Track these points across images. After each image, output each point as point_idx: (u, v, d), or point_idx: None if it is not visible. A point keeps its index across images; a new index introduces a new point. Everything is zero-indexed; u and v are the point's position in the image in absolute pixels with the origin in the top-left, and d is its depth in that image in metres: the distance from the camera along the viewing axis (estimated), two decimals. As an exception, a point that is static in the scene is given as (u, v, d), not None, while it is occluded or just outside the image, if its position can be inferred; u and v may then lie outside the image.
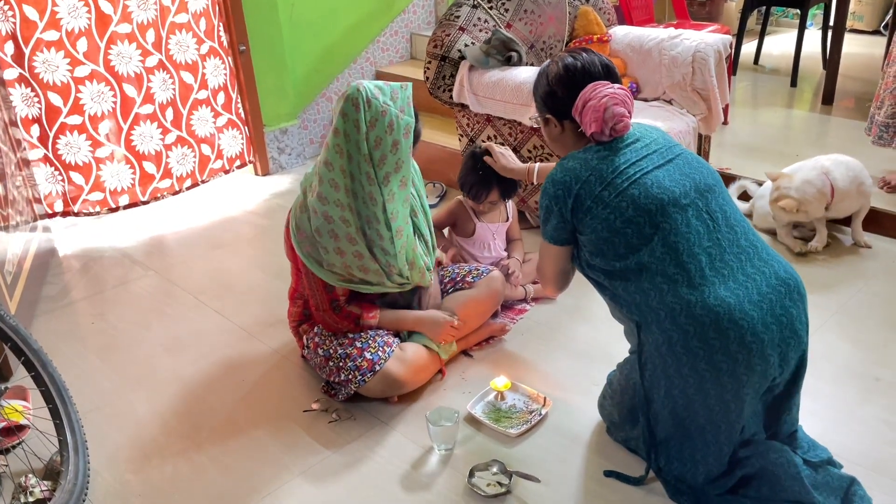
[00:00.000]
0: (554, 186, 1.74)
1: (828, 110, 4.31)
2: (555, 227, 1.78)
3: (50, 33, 3.03)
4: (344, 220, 1.99)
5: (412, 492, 1.85)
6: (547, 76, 1.83)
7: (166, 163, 3.49)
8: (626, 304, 1.73)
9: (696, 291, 1.62)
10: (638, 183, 1.67)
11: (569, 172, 1.73)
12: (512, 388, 2.14)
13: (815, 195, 2.74)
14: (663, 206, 1.65)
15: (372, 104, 1.91)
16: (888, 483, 1.80)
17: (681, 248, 1.64)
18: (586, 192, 1.69)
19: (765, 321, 1.60)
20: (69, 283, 2.95)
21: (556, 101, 1.81)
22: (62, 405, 1.92)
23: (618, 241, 1.68)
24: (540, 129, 2.85)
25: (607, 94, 1.70)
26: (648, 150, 1.74)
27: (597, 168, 1.70)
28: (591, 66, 1.78)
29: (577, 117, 1.75)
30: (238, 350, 2.46)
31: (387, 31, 4.34)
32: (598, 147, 1.75)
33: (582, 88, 1.73)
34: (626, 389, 1.84)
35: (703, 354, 1.61)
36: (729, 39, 3.28)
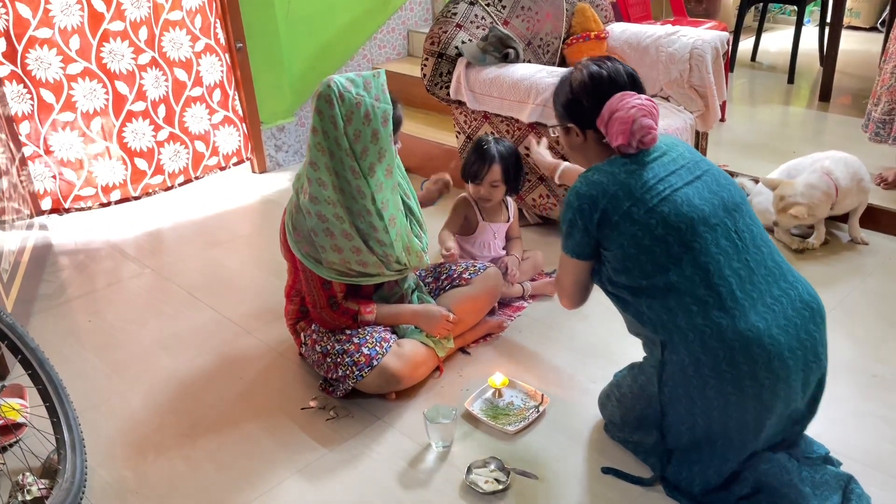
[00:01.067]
0: (579, 200, 1.68)
1: (825, 107, 4.32)
2: (578, 241, 1.72)
3: (43, 31, 3.04)
4: (337, 216, 2.00)
5: (410, 489, 1.85)
6: (570, 84, 1.77)
7: (158, 159, 3.50)
8: (651, 322, 1.68)
9: (727, 315, 1.58)
10: (668, 200, 1.63)
11: (595, 186, 1.67)
12: (510, 386, 2.14)
13: (822, 198, 2.74)
14: (693, 225, 1.61)
15: (345, 98, 1.91)
16: (886, 479, 1.81)
17: (711, 269, 1.60)
18: (613, 207, 1.64)
19: (791, 346, 1.59)
20: (65, 281, 2.94)
21: (580, 110, 1.75)
22: (59, 403, 1.91)
23: (645, 259, 1.64)
24: (538, 127, 2.87)
25: (635, 105, 1.65)
26: (676, 164, 1.69)
27: (625, 183, 1.65)
28: (617, 76, 1.73)
29: (603, 128, 1.69)
30: (235, 347, 2.46)
31: (384, 28, 4.33)
32: (623, 160, 1.69)
33: (607, 98, 1.68)
34: (639, 398, 1.81)
35: (730, 378, 1.59)
36: (726, 36, 3.28)
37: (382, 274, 2.11)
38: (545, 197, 3.00)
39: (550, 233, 3.09)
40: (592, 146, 1.77)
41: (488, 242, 2.61)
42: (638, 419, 1.83)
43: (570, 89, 1.76)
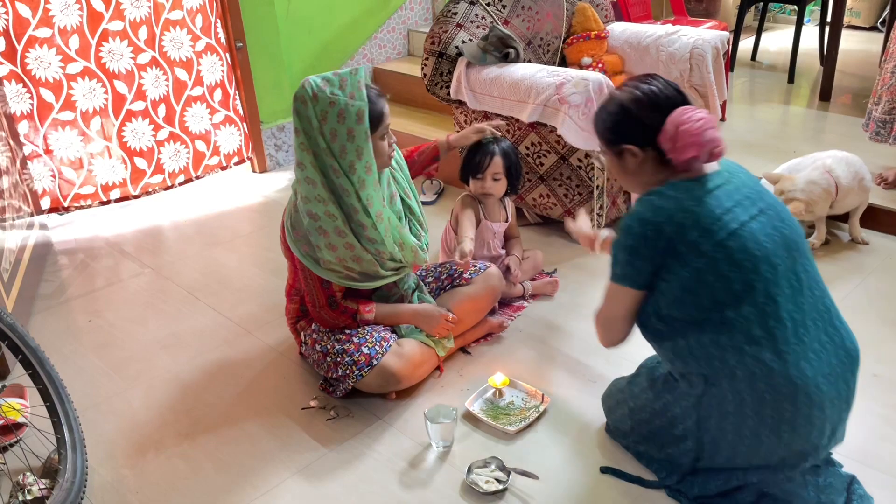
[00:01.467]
0: (643, 226, 1.61)
1: (825, 106, 4.31)
2: (638, 269, 1.64)
3: (42, 30, 3.04)
4: (329, 214, 2.00)
5: (410, 489, 1.85)
6: (622, 104, 1.67)
7: (158, 159, 3.50)
8: (695, 357, 1.63)
9: (779, 360, 1.55)
10: (736, 235, 1.56)
11: (660, 212, 1.60)
12: (510, 385, 2.14)
13: (821, 194, 2.73)
14: (757, 264, 1.56)
15: (318, 97, 1.92)
16: (886, 479, 1.81)
17: (769, 310, 1.56)
18: (680, 236, 1.57)
19: (831, 396, 1.58)
20: (66, 280, 2.94)
21: (639, 127, 1.65)
22: (60, 403, 1.91)
23: (704, 293, 1.58)
24: (537, 127, 2.87)
25: (701, 117, 1.59)
26: (739, 193, 1.63)
27: (692, 211, 1.58)
28: (669, 91, 1.67)
29: (668, 143, 1.61)
30: (235, 347, 2.46)
31: (384, 27, 4.33)
32: (687, 184, 1.62)
33: (667, 113, 1.62)
34: (658, 415, 1.77)
35: (770, 422, 1.57)
36: (726, 36, 3.28)
37: (378, 273, 2.11)
38: (545, 196, 3.00)
39: (550, 232, 3.09)
40: (650, 166, 1.68)
41: (488, 241, 2.61)
42: (651, 432, 1.80)
43: (624, 109, 1.67)
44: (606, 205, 2.91)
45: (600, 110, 1.75)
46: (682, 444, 1.73)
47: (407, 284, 2.27)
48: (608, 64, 3.34)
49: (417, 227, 2.24)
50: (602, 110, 1.74)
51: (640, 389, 1.84)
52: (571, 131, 2.71)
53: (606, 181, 2.87)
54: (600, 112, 1.75)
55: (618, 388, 1.96)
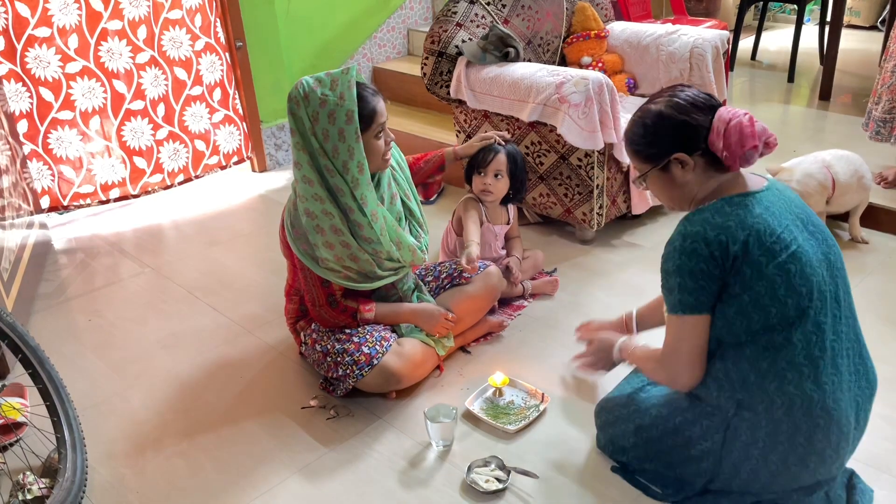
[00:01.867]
0: (708, 246, 1.51)
1: (825, 106, 4.31)
2: (710, 291, 1.53)
3: (42, 30, 3.04)
4: (326, 212, 2.01)
5: (410, 488, 1.85)
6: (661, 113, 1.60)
7: (157, 158, 3.50)
8: (732, 381, 1.58)
9: (819, 390, 1.52)
10: (795, 257, 1.50)
11: (722, 230, 1.51)
12: (510, 385, 2.14)
13: (817, 188, 2.73)
14: (811, 291, 1.51)
15: (310, 98, 1.93)
16: (886, 478, 1.81)
17: (815, 339, 1.52)
18: (744, 254, 1.50)
19: (856, 426, 1.58)
20: (66, 280, 2.94)
21: (687, 131, 1.57)
22: (59, 402, 1.91)
23: (758, 317, 1.52)
24: (537, 126, 2.87)
25: (746, 112, 1.55)
26: (790, 213, 1.57)
27: (753, 227, 1.50)
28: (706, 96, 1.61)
29: (720, 141, 1.54)
30: (235, 346, 2.46)
31: (383, 26, 4.33)
32: (741, 199, 1.55)
33: (711, 114, 1.57)
34: (672, 435, 1.71)
35: (801, 451, 1.55)
36: (726, 35, 3.28)
37: (376, 273, 2.11)
38: (545, 196, 3.00)
39: (550, 231, 3.09)
40: (699, 175, 1.60)
41: (489, 244, 2.61)
42: (660, 451, 1.74)
43: (665, 116, 1.59)
44: (606, 204, 2.91)
45: (635, 126, 1.65)
46: (697, 465, 1.68)
47: (407, 285, 2.27)
48: (608, 63, 3.34)
49: (417, 228, 2.24)
50: (637, 125, 1.65)
51: (651, 405, 1.77)
52: (571, 130, 2.71)
53: (606, 181, 2.86)
54: (636, 127, 1.65)
55: (617, 403, 1.88)
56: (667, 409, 1.72)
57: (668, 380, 1.67)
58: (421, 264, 2.24)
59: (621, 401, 1.87)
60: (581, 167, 2.82)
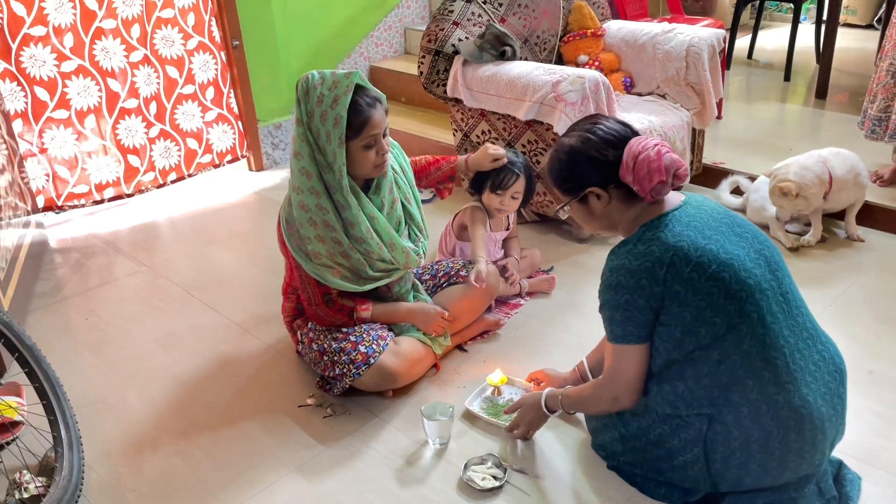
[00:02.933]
0: (634, 276, 1.54)
1: (821, 104, 4.32)
2: (641, 322, 1.57)
3: (37, 28, 3.03)
4: (320, 207, 2.01)
5: (407, 486, 1.85)
6: (573, 148, 1.65)
7: (150, 156, 3.50)
8: (698, 398, 1.59)
9: (782, 391, 1.53)
10: (726, 265, 1.51)
11: (647, 257, 1.54)
12: (508, 383, 2.14)
13: (815, 180, 2.73)
14: (752, 293, 1.52)
15: (310, 94, 1.95)
16: (881, 475, 1.81)
17: (767, 341, 1.53)
18: (674, 275, 1.52)
19: (829, 415, 1.58)
20: (62, 279, 2.94)
21: (599, 166, 1.62)
22: (56, 401, 1.91)
23: (704, 331, 1.53)
24: (533, 125, 2.87)
25: (656, 143, 1.58)
26: (714, 220, 1.60)
27: (678, 247, 1.53)
28: (619, 126, 1.66)
29: (629, 175, 1.58)
30: (232, 345, 2.46)
31: (380, 25, 4.33)
32: (661, 221, 1.58)
33: (621, 148, 1.61)
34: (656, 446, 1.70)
35: (777, 454, 1.56)
36: (722, 34, 3.28)
37: (369, 275, 2.11)
38: (542, 194, 3.00)
39: (547, 230, 3.10)
40: (617, 206, 1.65)
41: (489, 249, 2.61)
42: (647, 460, 1.74)
43: (576, 151, 1.65)
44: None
45: (552, 161, 1.71)
46: (685, 473, 1.67)
47: (404, 288, 2.26)
48: (604, 62, 3.35)
49: (416, 232, 2.24)
50: (554, 160, 1.70)
51: (630, 416, 1.75)
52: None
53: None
54: (553, 162, 1.70)
55: None
56: (646, 420, 1.71)
57: (611, 403, 1.71)
58: (415, 267, 2.23)
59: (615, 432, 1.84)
60: (578, 166, 2.82)
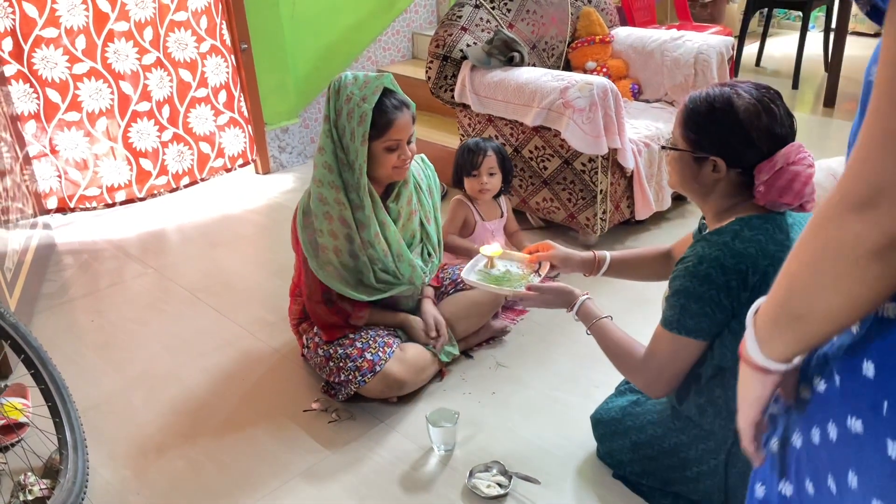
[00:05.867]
0: (726, 275, 1.43)
1: (829, 112, 4.31)
2: (717, 321, 1.47)
3: (49, 30, 3.04)
4: (338, 201, 2.04)
5: (411, 492, 1.85)
6: (738, 114, 1.45)
7: (163, 160, 3.50)
8: (731, 410, 1.51)
9: None
10: None
11: (745, 259, 1.43)
12: (504, 256, 1.99)
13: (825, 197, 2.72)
14: None
15: (341, 92, 1.99)
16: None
17: None
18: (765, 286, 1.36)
19: None
20: (68, 281, 2.94)
21: (745, 146, 1.45)
22: (61, 403, 1.91)
23: None
24: (541, 131, 2.87)
25: (812, 164, 1.43)
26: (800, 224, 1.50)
27: (776, 257, 1.42)
28: (790, 122, 1.48)
29: (766, 175, 1.43)
30: (237, 349, 2.46)
31: (388, 30, 4.33)
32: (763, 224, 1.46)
33: (781, 143, 1.44)
34: (669, 455, 1.68)
35: None
36: (731, 41, 3.28)
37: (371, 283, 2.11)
38: (549, 200, 3.00)
39: (554, 236, 3.09)
40: (723, 188, 1.50)
41: (487, 241, 2.61)
42: (657, 469, 1.72)
43: (737, 119, 1.44)
44: (610, 210, 2.91)
45: (707, 105, 1.48)
46: (695, 486, 1.65)
47: (409, 307, 2.27)
48: (613, 68, 3.34)
49: (430, 250, 2.26)
50: (709, 106, 1.47)
51: (646, 423, 1.72)
52: (575, 135, 2.71)
53: (610, 186, 2.86)
54: (704, 107, 1.48)
55: (613, 416, 1.84)
56: (661, 428, 1.68)
57: (643, 386, 1.61)
58: (420, 283, 2.23)
59: (616, 414, 1.84)
60: (585, 172, 2.82)
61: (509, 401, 2.16)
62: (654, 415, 1.73)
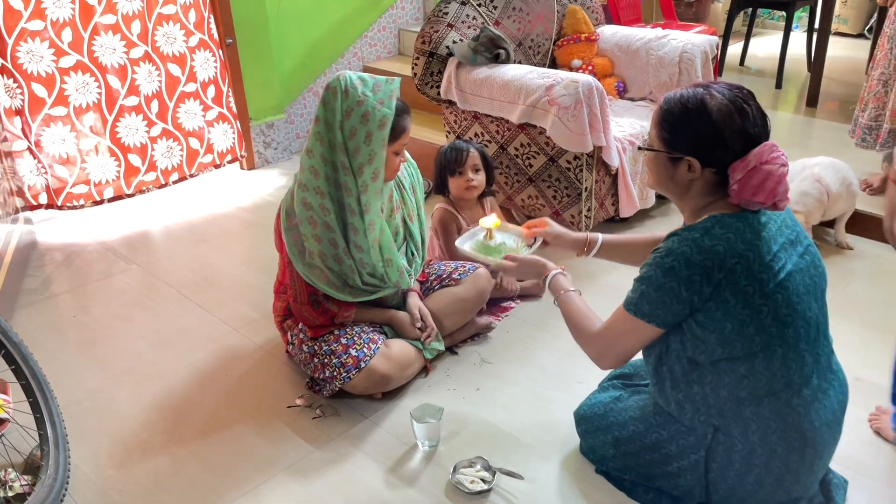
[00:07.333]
0: (690, 269, 1.46)
1: (812, 112, 4.34)
2: (674, 311, 1.51)
3: (35, 23, 3.00)
4: (323, 207, 2.01)
5: (396, 489, 1.85)
6: (711, 114, 1.46)
7: (151, 156, 3.46)
8: (709, 405, 1.57)
9: (794, 413, 1.52)
10: (782, 286, 1.46)
11: (711, 255, 1.45)
12: (501, 228, 2.07)
13: (815, 204, 2.76)
14: (795, 320, 1.48)
15: (349, 94, 1.94)
16: (870, 483, 1.82)
17: (794, 366, 1.50)
18: (730, 282, 1.44)
19: (829, 442, 1.59)
20: (51, 276, 2.92)
21: (717, 146, 1.46)
22: (43, 399, 1.90)
23: (740, 345, 1.49)
24: (526, 128, 2.87)
25: (786, 163, 1.44)
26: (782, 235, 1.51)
27: (743, 255, 1.44)
28: (762, 122, 1.49)
29: (740, 175, 1.44)
30: (222, 345, 2.45)
31: (375, 26, 4.33)
32: (734, 222, 1.48)
33: (754, 143, 1.45)
34: (650, 451, 1.69)
35: (777, 472, 1.55)
36: (715, 40, 3.30)
37: (357, 285, 2.11)
38: (534, 198, 3.01)
39: (539, 234, 3.10)
40: (699, 187, 1.52)
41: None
42: (639, 465, 1.74)
43: (711, 119, 1.45)
44: (594, 207, 2.92)
45: (682, 103, 1.49)
46: (676, 481, 1.67)
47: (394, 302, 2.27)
48: (598, 66, 3.35)
49: (414, 250, 2.26)
50: (682, 107, 1.49)
51: (628, 419, 1.74)
52: (560, 133, 2.72)
53: (595, 183, 2.87)
54: (678, 107, 1.50)
55: (596, 412, 1.86)
56: (643, 424, 1.70)
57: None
58: (406, 287, 2.23)
59: (599, 410, 1.85)
60: (570, 169, 2.83)
61: (493, 397, 2.16)
62: (636, 411, 1.74)
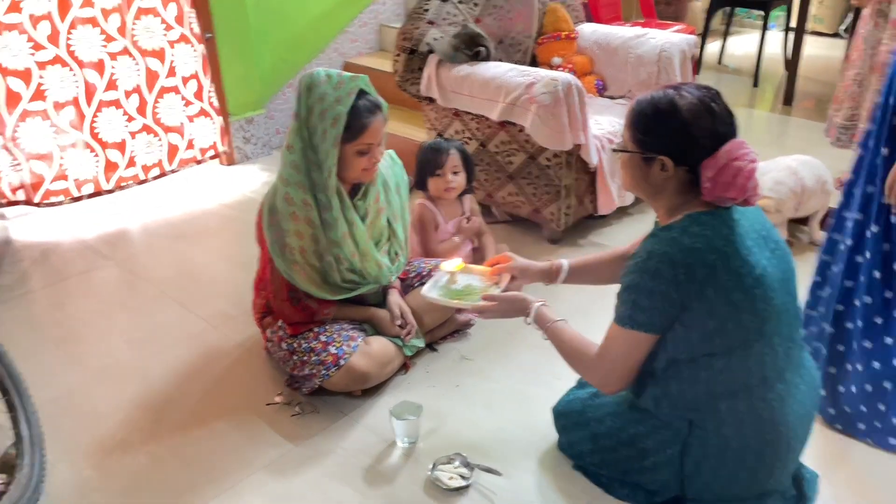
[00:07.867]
0: (673, 269, 1.48)
1: (788, 111, 4.40)
2: (666, 314, 1.52)
3: (11, 16, 2.95)
4: (305, 202, 2.02)
5: (375, 485, 1.86)
6: (681, 113, 1.49)
7: (131, 151, 3.43)
8: (686, 401, 1.59)
9: (768, 408, 1.54)
10: (760, 282, 1.49)
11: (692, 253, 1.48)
12: (464, 270, 2.03)
13: (789, 194, 2.79)
14: (772, 315, 1.52)
15: (313, 90, 1.95)
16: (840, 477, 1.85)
17: (768, 360, 1.54)
18: (711, 279, 1.47)
19: (801, 437, 1.62)
20: (26, 273, 2.89)
21: (689, 144, 1.49)
22: (18, 397, 1.88)
23: (719, 341, 1.52)
24: (506, 125, 2.89)
25: (754, 159, 1.48)
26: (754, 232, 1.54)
27: (723, 252, 1.48)
28: (731, 120, 1.52)
29: (711, 172, 1.47)
30: (201, 342, 2.44)
31: (355, 21, 4.31)
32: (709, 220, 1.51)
33: (723, 140, 1.48)
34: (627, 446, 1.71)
35: (750, 466, 1.58)
36: (694, 39, 3.33)
37: (337, 283, 2.11)
38: (514, 195, 3.02)
39: (519, 231, 3.11)
40: (673, 186, 1.55)
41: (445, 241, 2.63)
42: (616, 460, 1.76)
43: (681, 119, 1.49)
44: (573, 204, 2.94)
45: (651, 104, 1.53)
46: (652, 476, 1.70)
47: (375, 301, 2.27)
48: (578, 64, 3.37)
49: (397, 249, 2.26)
50: (653, 108, 1.53)
51: (605, 414, 1.76)
52: (540, 131, 2.73)
53: (574, 181, 2.89)
54: (649, 106, 1.54)
55: (574, 408, 1.87)
56: (620, 419, 1.72)
57: (598, 384, 1.67)
58: (386, 283, 2.24)
59: (577, 406, 1.87)
60: (549, 167, 2.85)
61: (472, 393, 2.18)
62: (614, 406, 1.76)
